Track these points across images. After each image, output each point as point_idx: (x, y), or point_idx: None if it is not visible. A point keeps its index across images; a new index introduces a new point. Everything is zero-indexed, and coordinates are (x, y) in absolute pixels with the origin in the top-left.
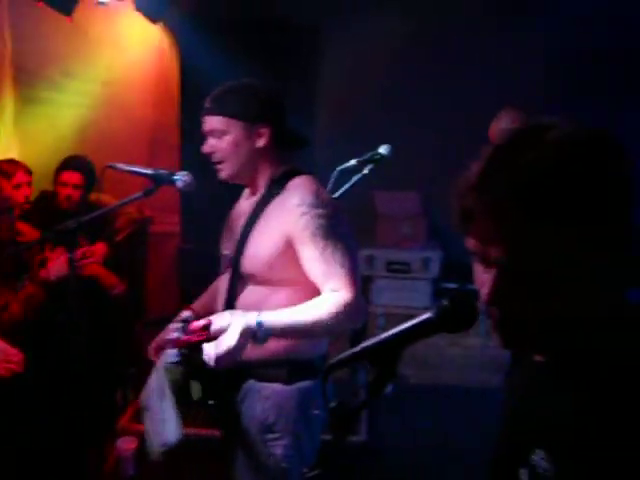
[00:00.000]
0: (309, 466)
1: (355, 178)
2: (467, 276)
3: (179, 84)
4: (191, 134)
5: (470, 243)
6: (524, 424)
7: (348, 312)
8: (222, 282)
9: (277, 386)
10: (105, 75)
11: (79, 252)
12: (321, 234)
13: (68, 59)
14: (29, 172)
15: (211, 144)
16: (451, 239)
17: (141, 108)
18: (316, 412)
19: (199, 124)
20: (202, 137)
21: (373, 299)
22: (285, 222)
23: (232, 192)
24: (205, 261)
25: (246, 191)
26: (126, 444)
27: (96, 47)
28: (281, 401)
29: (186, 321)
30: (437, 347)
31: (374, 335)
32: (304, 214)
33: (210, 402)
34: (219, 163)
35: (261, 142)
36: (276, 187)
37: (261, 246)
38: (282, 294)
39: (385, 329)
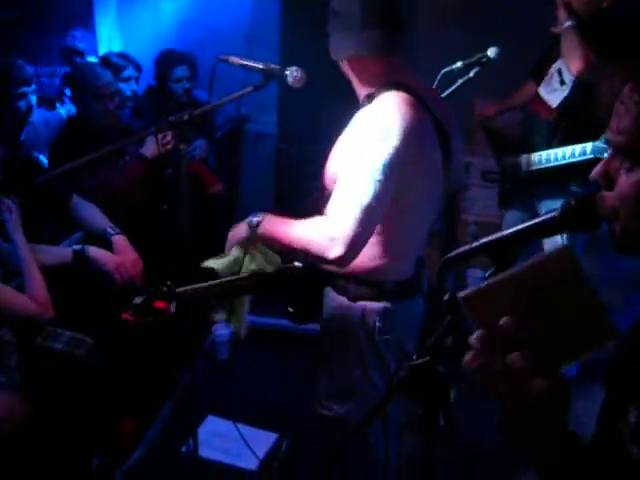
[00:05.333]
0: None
1: (460, 81)
2: None
3: None
4: (291, 32)
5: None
6: (631, 375)
7: (320, 243)
8: None
9: (343, 299)
10: None
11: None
12: (356, 159)
13: None
14: (139, 68)
15: None
16: None
17: (241, 3)
18: (379, 337)
19: (299, 21)
20: (302, 34)
21: (466, 207)
22: (347, 137)
23: (330, 92)
24: (301, 162)
25: None
26: (221, 330)
27: None
28: (344, 315)
29: None
30: None
31: (464, 243)
32: (357, 134)
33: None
34: None
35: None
36: (369, 100)
37: (332, 160)
38: None
39: (477, 238)
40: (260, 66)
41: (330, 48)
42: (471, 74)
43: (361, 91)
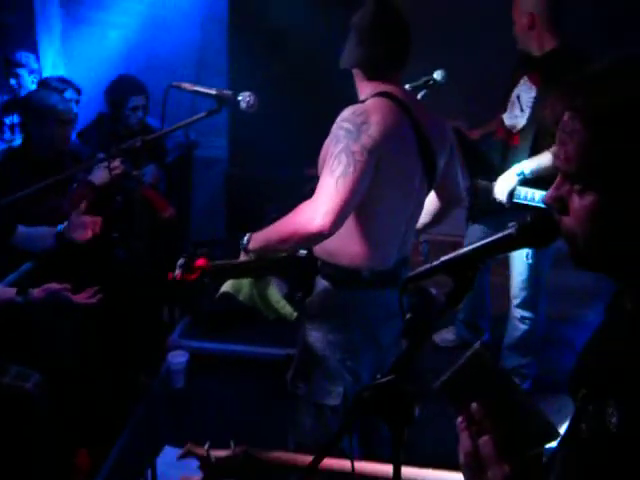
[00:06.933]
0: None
1: None
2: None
3: (227, 6)
4: (239, 57)
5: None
6: (599, 365)
7: (303, 221)
8: None
9: (325, 283)
10: None
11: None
12: (334, 141)
13: None
14: (78, 91)
15: None
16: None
17: (188, 29)
18: (353, 321)
19: (247, 46)
20: (250, 59)
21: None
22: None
23: (279, 116)
24: (251, 186)
25: None
26: (177, 358)
27: None
28: (324, 297)
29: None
30: None
31: (416, 263)
32: (335, 123)
33: (298, 295)
34: None
35: None
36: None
37: (323, 150)
38: None
39: (428, 257)
40: (213, 92)
41: (341, 56)
42: (418, 97)
43: (360, 96)
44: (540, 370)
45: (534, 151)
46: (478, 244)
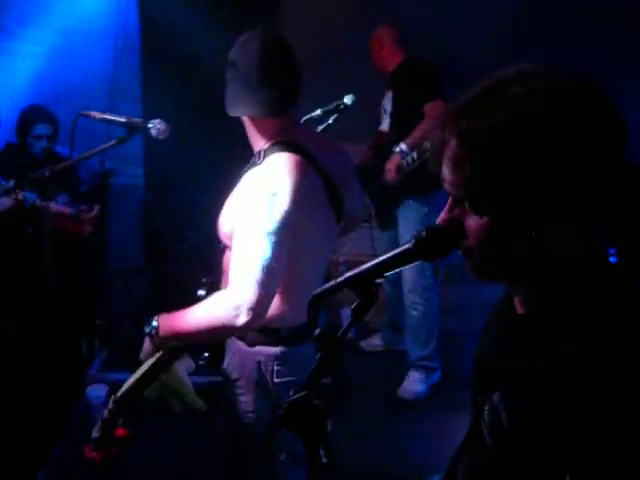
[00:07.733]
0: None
1: (320, 128)
2: None
3: (140, 33)
4: (153, 83)
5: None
6: (493, 365)
7: (226, 317)
8: None
9: (241, 345)
10: (62, 23)
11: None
12: (251, 222)
13: (24, 7)
14: None
15: None
16: None
17: (100, 58)
18: (277, 380)
19: (161, 73)
20: (164, 86)
21: (335, 248)
22: (241, 198)
23: (195, 142)
24: (170, 213)
25: None
26: (96, 392)
27: None
28: (242, 360)
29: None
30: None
31: None
32: (248, 197)
33: (200, 362)
34: None
35: None
36: (260, 157)
37: (225, 215)
38: None
39: None
40: (122, 120)
41: (226, 100)
42: (330, 121)
43: (254, 145)
44: (457, 382)
45: (401, 137)
46: (378, 260)
